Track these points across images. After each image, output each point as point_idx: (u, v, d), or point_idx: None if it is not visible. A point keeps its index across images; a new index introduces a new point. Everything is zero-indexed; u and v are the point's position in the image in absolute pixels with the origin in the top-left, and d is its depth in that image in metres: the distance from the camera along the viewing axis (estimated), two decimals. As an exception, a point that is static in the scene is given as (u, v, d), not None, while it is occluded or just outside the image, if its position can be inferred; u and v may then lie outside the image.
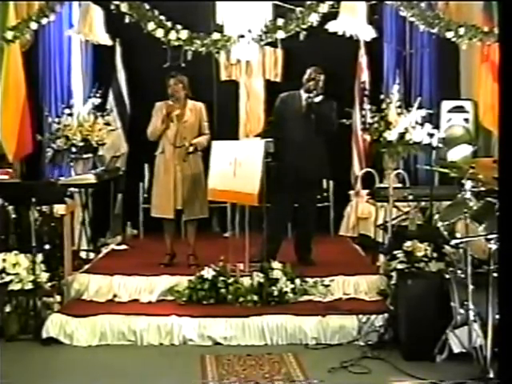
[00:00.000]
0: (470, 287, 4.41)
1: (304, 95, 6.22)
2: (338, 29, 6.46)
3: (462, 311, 4.48)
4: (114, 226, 7.71)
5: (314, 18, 6.33)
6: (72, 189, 6.72)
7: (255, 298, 5.47)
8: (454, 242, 4.53)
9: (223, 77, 7.89)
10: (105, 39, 6.97)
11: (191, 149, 6.16)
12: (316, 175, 6.25)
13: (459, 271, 4.76)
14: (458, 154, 6.58)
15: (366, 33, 6.76)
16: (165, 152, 6.19)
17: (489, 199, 4.66)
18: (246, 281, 5.62)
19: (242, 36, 6.51)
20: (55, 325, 5.15)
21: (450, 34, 6.39)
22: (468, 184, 4.80)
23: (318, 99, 6.13)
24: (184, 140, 6.16)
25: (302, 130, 6.09)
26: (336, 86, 7.53)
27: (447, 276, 4.74)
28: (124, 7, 6.35)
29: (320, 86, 6.21)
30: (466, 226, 4.56)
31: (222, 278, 5.59)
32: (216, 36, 6.49)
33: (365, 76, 7.76)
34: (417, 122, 7.30)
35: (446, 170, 5.80)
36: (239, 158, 5.81)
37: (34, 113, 7.23)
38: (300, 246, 6.35)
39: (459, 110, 7.56)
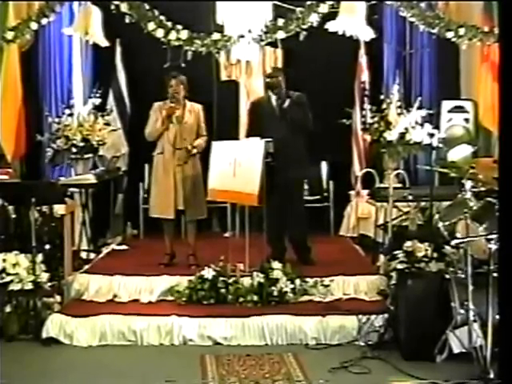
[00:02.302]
0: (470, 287, 4.41)
1: (273, 97, 6.20)
2: (338, 29, 6.47)
3: (462, 311, 4.48)
4: (114, 226, 7.71)
5: (314, 18, 6.34)
6: (72, 189, 6.72)
7: (255, 298, 5.47)
8: (454, 242, 4.53)
9: (223, 77, 7.87)
10: (102, 40, 6.97)
11: (194, 151, 6.15)
12: (298, 174, 6.22)
13: (459, 271, 4.76)
14: (458, 153, 6.58)
15: (366, 33, 6.76)
16: (164, 153, 6.17)
17: (489, 199, 4.65)
18: (246, 281, 5.62)
19: (242, 36, 6.52)
20: (55, 325, 5.15)
21: (450, 34, 6.40)
22: (468, 184, 4.79)
23: (286, 104, 6.10)
24: (184, 141, 6.15)
25: (279, 131, 6.02)
26: (336, 86, 7.60)
27: (447, 276, 4.74)
28: (124, 7, 6.36)
29: (282, 85, 6.16)
30: (466, 226, 4.56)
31: (222, 278, 5.59)
32: (216, 36, 6.50)
33: (365, 76, 7.74)
34: (417, 122, 7.28)
35: (446, 170, 5.80)
36: (239, 158, 5.81)
37: (33, 113, 7.23)
38: (297, 247, 6.33)
39: (459, 109, 7.54)
